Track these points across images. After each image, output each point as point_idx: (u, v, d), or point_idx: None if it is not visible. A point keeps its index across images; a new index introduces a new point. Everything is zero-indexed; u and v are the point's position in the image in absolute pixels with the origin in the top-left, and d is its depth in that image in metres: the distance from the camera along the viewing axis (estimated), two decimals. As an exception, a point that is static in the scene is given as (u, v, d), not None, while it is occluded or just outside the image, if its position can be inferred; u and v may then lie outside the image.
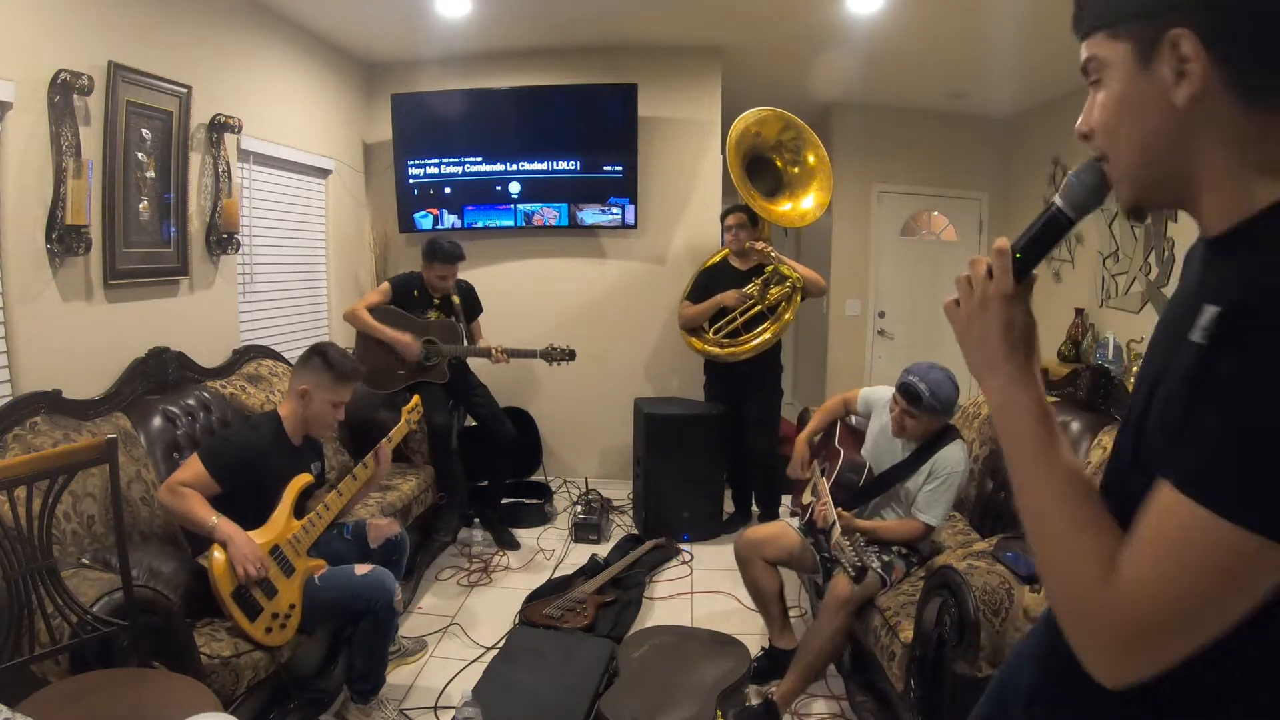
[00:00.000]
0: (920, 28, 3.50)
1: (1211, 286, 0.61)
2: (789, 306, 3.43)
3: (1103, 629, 0.60)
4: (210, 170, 2.90)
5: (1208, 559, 0.55)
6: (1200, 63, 0.59)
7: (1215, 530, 0.54)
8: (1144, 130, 0.64)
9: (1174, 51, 0.60)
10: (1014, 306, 0.71)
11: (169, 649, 1.66)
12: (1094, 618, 0.61)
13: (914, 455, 2.26)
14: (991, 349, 0.71)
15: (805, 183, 3.57)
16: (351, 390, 2.25)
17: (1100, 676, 0.61)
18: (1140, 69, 0.63)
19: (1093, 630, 0.61)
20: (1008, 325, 0.71)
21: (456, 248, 3.34)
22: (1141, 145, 0.65)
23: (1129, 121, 0.65)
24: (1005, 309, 0.71)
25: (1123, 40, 0.64)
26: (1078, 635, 0.63)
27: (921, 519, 2.22)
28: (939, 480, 2.21)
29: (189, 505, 1.94)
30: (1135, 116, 0.65)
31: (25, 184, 2.14)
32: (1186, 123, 0.62)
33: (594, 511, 3.67)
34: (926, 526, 2.22)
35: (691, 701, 2.03)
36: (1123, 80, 0.64)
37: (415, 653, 2.57)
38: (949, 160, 5.20)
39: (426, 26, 3.64)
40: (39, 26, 2.15)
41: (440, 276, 3.35)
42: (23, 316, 2.16)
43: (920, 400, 2.15)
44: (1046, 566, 0.66)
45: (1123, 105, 0.65)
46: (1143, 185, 0.68)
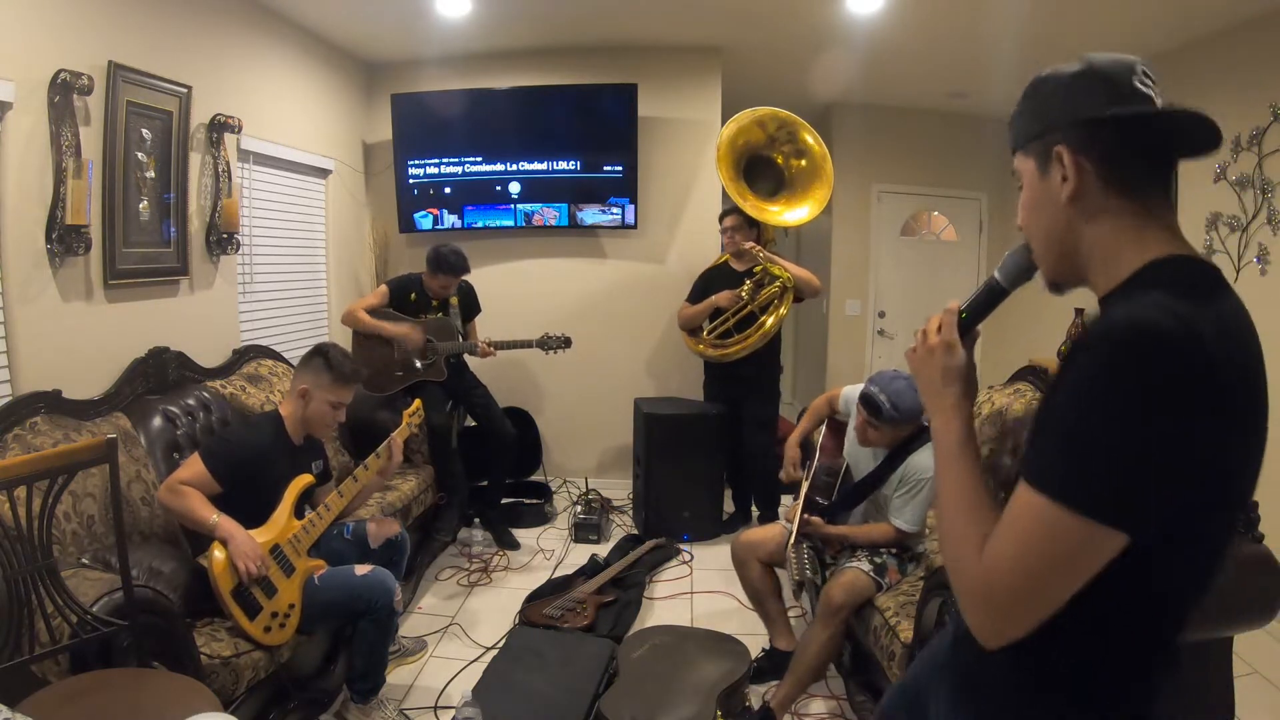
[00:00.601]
0: (920, 28, 3.50)
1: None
2: (780, 306, 3.43)
3: (974, 595, 0.75)
4: (210, 170, 2.90)
5: (1041, 535, 0.69)
6: (1074, 168, 0.77)
7: (1046, 511, 0.68)
8: (1046, 223, 0.82)
9: (1059, 161, 0.78)
10: (952, 354, 0.90)
11: (169, 649, 1.66)
12: (967, 587, 0.76)
13: (886, 461, 2.25)
14: (934, 386, 0.90)
15: (809, 178, 3.55)
16: (352, 392, 2.25)
17: (979, 637, 0.76)
18: (1041, 177, 0.81)
19: (967, 596, 0.76)
20: (946, 368, 0.89)
21: (462, 259, 3.32)
22: (1046, 235, 0.83)
23: (1037, 217, 0.83)
24: (945, 356, 0.90)
25: (1029, 156, 0.83)
26: (961, 602, 0.78)
27: (895, 523, 2.22)
28: (909, 486, 2.20)
29: (189, 504, 1.94)
30: (1040, 213, 0.82)
31: (25, 184, 2.13)
32: (1072, 214, 0.79)
33: (594, 511, 3.68)
34: (898, 530, 2.22)
35: (691, 701, 2.03)
36: (1030, 186, 0.83)
37: (415, 653, 2.57)
38: (949, 160, 5.20)
39: (426, 26, 3.63)
40: (39, 26, 2.15)
41: (443, 286, 3.36)
42: (23, 316, 2.15)
43: (880, 412, 2.14)
44: (945, 547, 0.81)
45: (1032, 206, 0.83)
46: (1051, 266, 0.85)
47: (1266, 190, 3.00)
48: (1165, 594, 0.75)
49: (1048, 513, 0.68)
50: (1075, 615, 0.72)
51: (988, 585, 0.73)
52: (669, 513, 3.57)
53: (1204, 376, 0.65)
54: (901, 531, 2.22)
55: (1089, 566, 0.68)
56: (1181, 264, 0.75)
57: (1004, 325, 5.20)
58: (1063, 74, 0.79)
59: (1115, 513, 0.66)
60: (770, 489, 3.66)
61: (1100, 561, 0.68)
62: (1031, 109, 0.82)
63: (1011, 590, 0.71)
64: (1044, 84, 0.80)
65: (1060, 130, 0.78)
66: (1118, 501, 0.66)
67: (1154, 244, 0.76)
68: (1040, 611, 0.71)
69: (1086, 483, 0.67)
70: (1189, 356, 0.65)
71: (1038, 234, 0.84)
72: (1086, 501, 0.66)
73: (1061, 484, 0.68)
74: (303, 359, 2.25)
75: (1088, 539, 0.67)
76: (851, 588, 2.17)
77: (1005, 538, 0.72)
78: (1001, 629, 0.73)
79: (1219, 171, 3.20)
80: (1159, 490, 0.66)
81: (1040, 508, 0.69)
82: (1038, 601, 0.71)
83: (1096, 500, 0.66)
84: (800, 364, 6.25)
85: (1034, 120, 0.81)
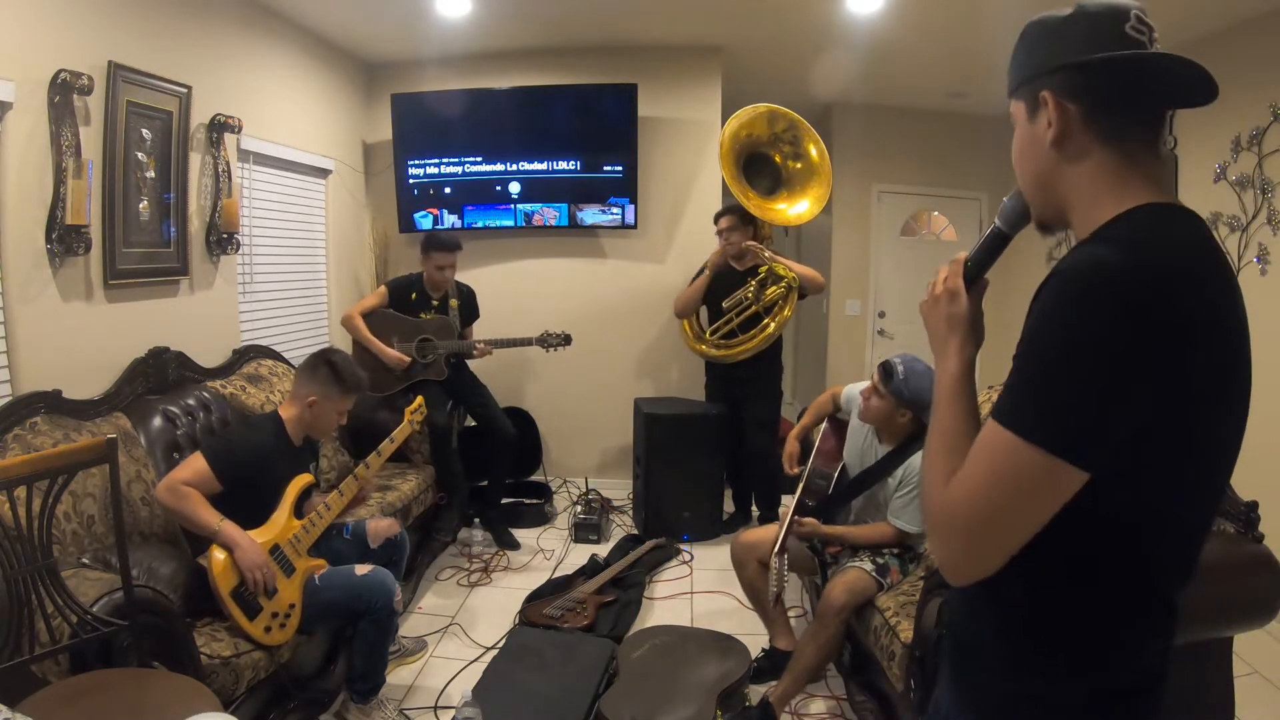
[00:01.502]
0: (920, 28, 3.50)
1: None
2: (785, 307, 3.43)
3: (937, 524, 0.77)
4: (210, 170, 2.90)
5: (1004, 468, 0.70)
6: (1058, 112, 0.78)
7: (1009, 444, 0.70)
8: (1034, 167, 0.83)
9: (1045, 107, 0.79)
10: (957, 301, 0.90)
11: (169, 649, 1.66)
12: (932, 516, 0.78)
13: (888, 458, 2.23)
14: (940, 332, 0.91)
15: (806, 178, 3.55)
16: (356, 398, 2.26)
17: (942, 568, 0.79)
18: (1028, 122, 0.82)
19: (933, 527, 0.79)
20: (951, 314, 0.90)
21: (454, 237, 3.42)
22: (1033, 178, 0.84)
23: (1026, 161, 0.84)
24: (950, 303, 0.90)
25: (1020, 100, 0.84)
26: (929, 534, 0.81)
27: (895, 524, 2.21)
28: (911, 486, 2.19)
29: (191, 506, 1.94)
30: (1028, 156, 0.84)
31: (25, 184, 2.13)
32: (1058, 160, 0.80)
33: (594, 511, 3.68)
34: (898, 531, 2.21)
35: (691, 701, 2.03)
36: (1020, 130, 0.84)
37: (415, 653, 2.57)
38: (949, 160, 5.19)
39: (426, 26, 3.63)
40: (39, 26, 2.15)
41: (439, 267, 3.36)
42: (23, 316, 2.15)
43: (891, 377, 2.11)
44: (921, 489, 0.85)
45: (1021, 148, 0.85)
46: (1038, 208, 0.86)
47: (1266, 190, 3.00)
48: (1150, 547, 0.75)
49: (1007, 444, 0.70)
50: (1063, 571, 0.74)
51: (948, 513, 0.75)
52: (669, 513, 3.57)
53: (1153, 305, 0.66)
54: (901, 532, 2.21)
55: (1049, 501, 0.70)
56: (1155, 209, 0.74)
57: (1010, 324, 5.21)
58: (1053, 18, 0.79)
59: (1070, 447, 0.67)
60: (771, 489, 3.66)
61: (1061, 497, 0.69)
62: (1023, 54, 0.82)
63: (970, 519, 0.73)
64: (1035, 28, 0.81)
65: (1047, 75, 0.78)
66: (1072, 435, 0.67)
67: (1134, 192, 0.76)
68: (1001, 544, 0.72)
69: (1041, 416, 0.68)
70: (1137, 287, 0.66)
71: (1026, 177, 0.85)
72: (1041, 435, 0.68)
73: (1018, 417, 0.69)
74: (307, 366, 2.23)
75: (1045, 473, 0.68)
76: (853, 587, 2.16)
77: (969, 468, 0.74)
78: (963, 562, 0.75)
79: (1219, 171, 3.20)
80: (1112, 421, 0.67)
81: (1001, 439, 0.70)
82: (996, 532, 0.72)
83: (1050, 434, 0.68)
84: (800, 364, 6.25)
85: (1024, 65, 0.82)
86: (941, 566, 0.79)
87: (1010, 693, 0.82)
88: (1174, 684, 0.81)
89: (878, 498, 2.30)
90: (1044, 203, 0.84)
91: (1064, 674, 0.78)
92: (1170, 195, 0.77)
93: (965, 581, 0.77)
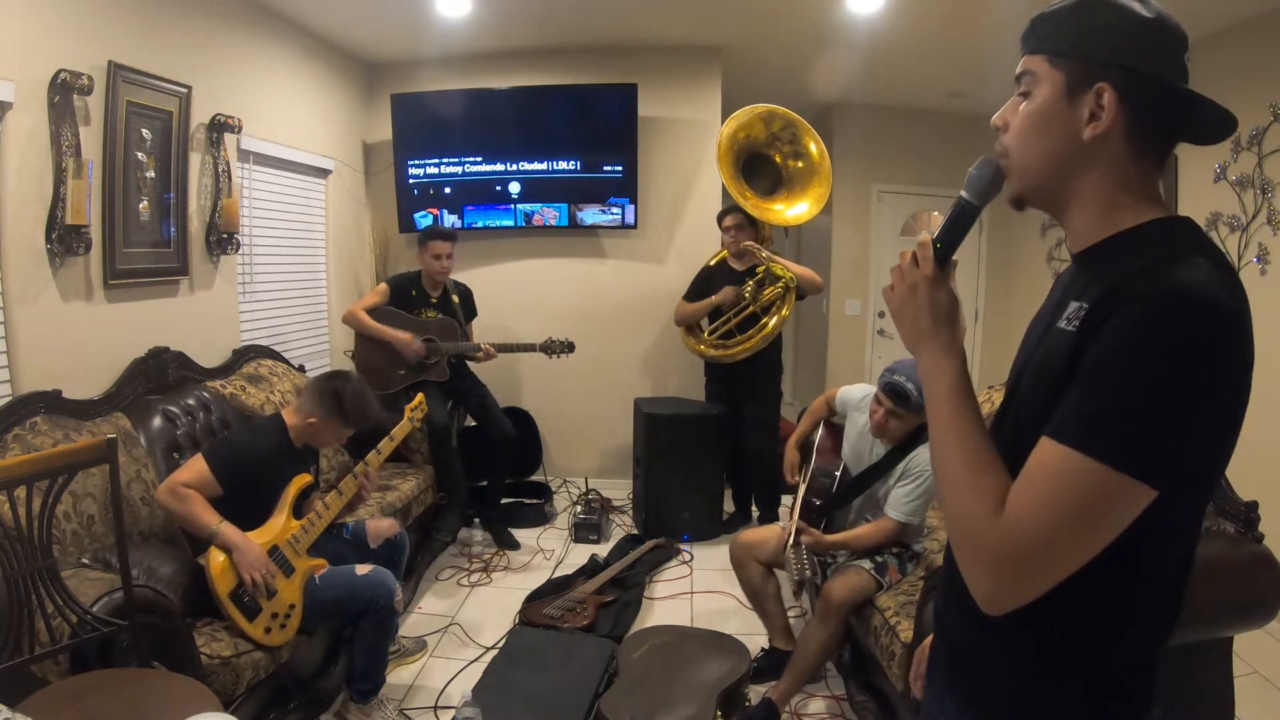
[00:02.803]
0: (921, 27, 3.50)
1: (1079, 287, 0.77)
2: (782, 307, 3.42)
3: (987, 555, 0.71)
4: (210, 170, 2.90)
5: (1072, 491, 0.67)
6: (1112, 114, 0.74)
7: (1077, 465, 0.66)
8: (1050, 145, 0.78)
9: (1096, 97, 0.75)
10: (938, 289, 0.82)
11: (169, 649, 1.66)
12: (980, 546, 0.72)
13: (888, 456, 2.22)
14: (921, 326, 0.82)
15: (806, 177, 3.55)
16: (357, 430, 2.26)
17: (983, 600, 0.72)
18: (1064, 98, 0.77)
19: (979, 557, 0.72)
20: (934, 304, 0.82)
21: (449, 228, 3.46)
22: (1044, 156, 0.79)
23: (1041, 134, 0.79)
24: (930, 291, 0.82)
25: (1059, 70, 0.77)
26: (968, 564, 0.74)
27: (890, 514, 2.20)
28: (912, 478, 2.18)
29: (192, 509, 1.94)
30: (1047, 132, 0.78)
31: (25, 184, 2.13)
32: (1085, 153, 0.77)
33: (594, 511, 3.67)
34: (898, 524, 2.20)
35: (691, 701, 2.03)
36: (1048, 101, 0.78)
37: (415, 653, 2.57)
38: (949, 160, 5.18)
39: (426, 26, 3.63)
40: (39, 26, 2.15)
41: (435, 256, 3.36)
42: (23, 316, 2.15)
43: (909, 400, 2.09)
44: (948, 504, 0.76)
45: (1041, 120, 0.79)
46: (1032, 186, 0.82)
47: (1266, 190, 3.00)
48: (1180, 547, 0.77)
49: (1089, 471, 0.66)
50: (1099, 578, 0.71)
51: (1010, 544, 0.69)
52: (669, 513, 3.57)
53: (1239, 345, 0.68)
54: (899, 525, 2.21)
55: (1119, 523, 0.68)
56: (1191, 228, 0.75)
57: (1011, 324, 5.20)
58: (1132, 12, 0.75)
59: (1156, 471, 0.66)
60: (771, 489, 3.66)
61: (1130, 518, 0.68)
62: (1083, 26, 0.76)
63: (1037, 549, 0.68)
64: (1110, 10, 0.75)
65: (1112, 68, 0.74)
66: (1159, 460, 0.66)
67: (1149, 206, 0.77)
68: (1060, 572, 0.69)
69: (1133, 443, 0.66)
70: (1232, 326, 0.67)
71: (1034, 150, 0.80)
72: (1130, 461, 0.65)
73: (1107, 446, 0.66)
74: (316, 386, 2.20)
75: (1131, 498, 0.66)
76: (852, 586, 2.17)
77: (1032, 494, 0.69)
78: (1015, 592, 0.71)
79: (1219, 171, 3.20)
80: (1192, 449, 0.67)
81: (1080, 466, 0.66)
82: (1062, 561, 0.69)
83: (1142, 460, 0.65)
84: (800, 364, 6.25)
85: (1082, 38, 0.76)
86: (985, 596, 0.72)
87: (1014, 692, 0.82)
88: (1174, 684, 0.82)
89: (877, 495, 2.30)
90: (1043, 182, 0.81)
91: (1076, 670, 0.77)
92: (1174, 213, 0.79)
93: (1006, 610, 0.72)
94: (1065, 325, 0.75)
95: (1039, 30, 0.80)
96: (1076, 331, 0.72)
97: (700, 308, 3.57)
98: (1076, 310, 0.74)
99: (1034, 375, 0.79)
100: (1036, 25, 0.80)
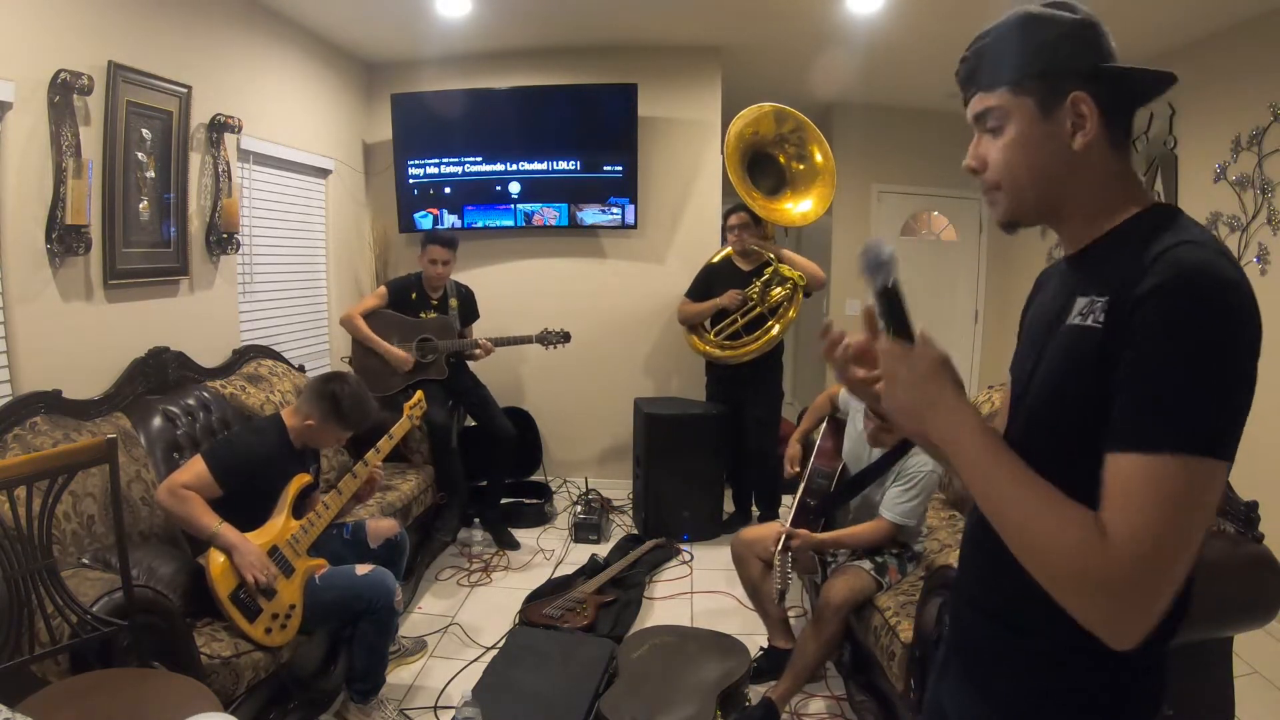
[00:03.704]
0: (920, 28, 3.50)
1: (1082, 283, 0.79)
2: (790, 307, 3.42)
3: (1108, 586, 0.66)
4: (210, 170, 2.90)
5: (1171, 495, 0.65)
6: (1094, 119, 0.77)
7: (1167, 468, 0.65)
8: (1041, 164, 0.80)
9: (1074, 107, 0.77)
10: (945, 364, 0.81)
11: (169, 649, 1.66)
12: (1095, 578, 0.66)
13: (885, 457, 2.23)
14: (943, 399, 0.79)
15: (809, 180, 3.55)
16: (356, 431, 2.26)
17: (1115, 635, 0.67)
18: (1041, 119, 0.78)
19: (1099, 588, 0.67)
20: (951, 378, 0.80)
21: (452, 234, 3.46)
22: (1037, 176, 0.81)
23: (1029, 158, 0.80)
24: (941, 368, 0.81)
25: (1026, 95, 0.79)
26: (1084, 600, 0.68)
27: (887, 517, 2.21)
28: (907, 480, 2.19)
29: (191, 510, 1.94)
30: (1035, 154, 0.80)
31: (25, 184, 2.13)
32: (1074, 161, 0.79)
33: (594, 511, 3.67)
34: (891, 524, 2.20)
35: (691, 701, 2.03)
36: (1026, 125, 0.79)
37: (415, 653, 2.57)
38: (949, 160, 5.12)
39: (426, 26, 3.63)
40: (39, 26, 2.15)
41: (432, 260, 3.36)
42: (23, 316, 2.15)
43: None
44: (1031, 550, 0.72)
45: (1025, 145, 0.80)
46: (1027, 206, 0.83)
47: (1266, 190, 3.00)
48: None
49: (1172, 469, 0.65)
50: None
51: (1130, 570, 0.65)
52: (669, 513, 3.57)
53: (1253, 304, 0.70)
54: (893, 526, 2.21)
55: (1213, 508, 0.69)
56: (1179, 214, 0.78)
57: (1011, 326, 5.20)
58: (1064, 19, 0.78)
59: (1225, 445, 0.67)
60: (771, 489, 3.66)
61: (1218, 499, 0.69)
62: (1030, 46, 0.79)
63: (1160, 565, 0.66)
64: (1042, 24, 0.78)
65: (1075, 75, 0.77)
66: (1230, 437, 0.68)
67: (1137, 194, 0.80)
68: (1181, 577, 0.67)
69: (1208, 426, 0.66)
70: (1252, 299, 0.70)
71: (1026, 174, 0.81)
72: (1210, 445, 0.66)
73: (1188, 437, 0.66)
74: (315, 388, 2.20)
75: (1212, 479, 0.67)
76: (852, 586, 2.17)
77: (1133, 512, 0.66)
78: (1147, 614, 0.66)
79: (1219, 171, 3.20)
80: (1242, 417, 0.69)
81: (1163, 467, 0.66)
82: (1182, 566, 0.67)
83: (1218, 441, 0.66)
84: (800, 364, 6.25)
85: (1037, 57, 0.78)
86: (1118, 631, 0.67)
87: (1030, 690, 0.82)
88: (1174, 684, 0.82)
89: (873, 497, 2.30)
90: (1038, 199, 0.82)
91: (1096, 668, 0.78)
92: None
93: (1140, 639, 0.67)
94: (1083, 321, 0.76)
95: (985, 66, 0.82)
96: (1103, 327, 0.73)
97: (704, 309, 3.57)
98: (1089, 305, 0.75)
99: (1048, 375, 0.80)
100: (979, 63, 0.83)
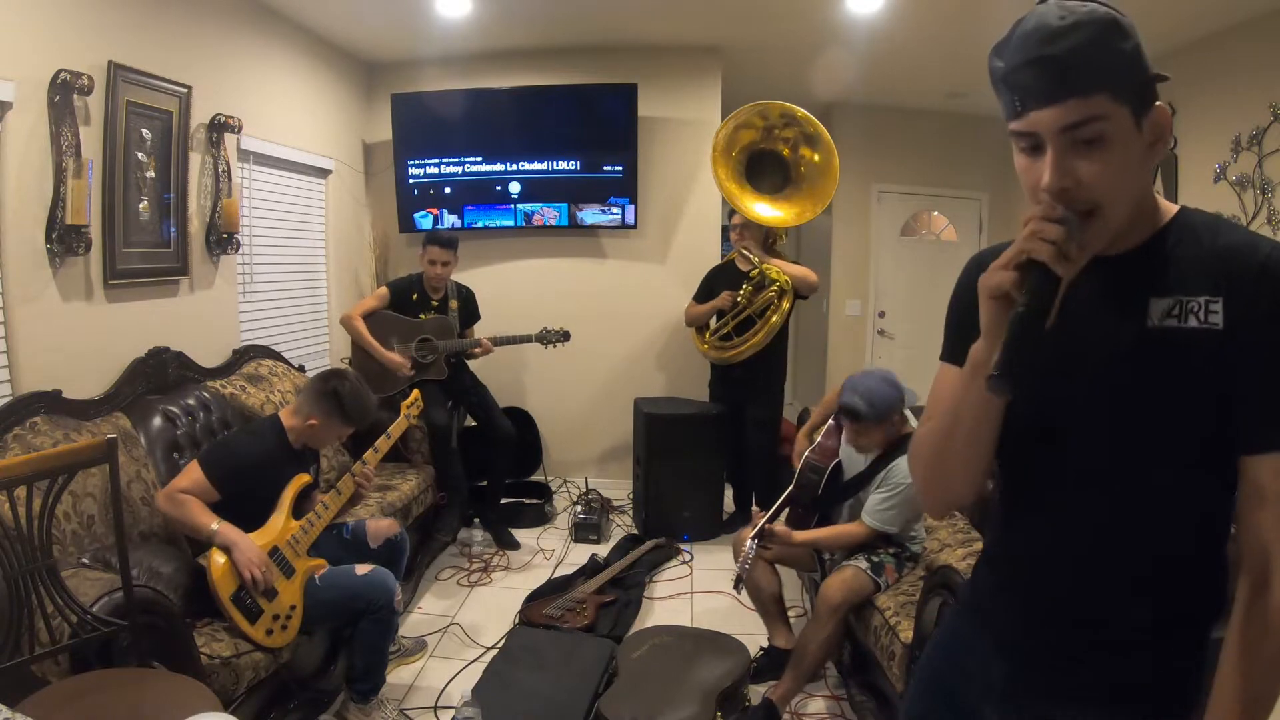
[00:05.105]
0: (920, 28, 3.50)
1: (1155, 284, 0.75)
2: (775, 310, 3.42)
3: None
4: (210, 170, 2.90)
5: None
6: (1170, 129, 0.74)
7: None
8: (1136, 182, 0.75)
9: (1159, 118, 0.73)
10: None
11: (169, 649, 1.66)
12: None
13: (872, 464, 2.27)
14: None
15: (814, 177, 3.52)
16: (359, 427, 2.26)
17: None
18: (1135, 129, 0.72)
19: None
20: None
21: (452, 235, 3.45)
22: (1135, 195, 0.75)
23: (1131, 176, 0.74)
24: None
25: (1124, 104, 0.70)
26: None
27: (867, 522, 2.22)
28: (888, 488, 2.20)
29: (189, 512, 1.94)
30: (1134, 171, 0.74)
31: (25, 184, 2.13)
32: (1145, 172, 0.76)
33: (594, 511, 3.68)
34: (869, 530, 2.21)
35: (691, 701, 2.03)
36: (1126, 140, 0.71)
37: (415, 653, 2.57)
38: (949, 160, 5.19)
39: (426, 26, 3.63)
40: (39, 26, 2.15)
41: (431, 261, 3.36)
42: (23, 316, 2.15)
43: (859, 414, 2.16)
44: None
45: (1128, 163, 0.72)
46: (1121, 225, 0.76)
47: (1266, 190, 3.00)
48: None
49: None
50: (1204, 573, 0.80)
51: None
52: (669, 513, 3.57)
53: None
54: (871, 531, 2.21)
55: None
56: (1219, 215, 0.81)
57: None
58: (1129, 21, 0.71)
59: None
60: (772, 489, 3.65)
61: None
62: (1126, 51, 0.70)
63: None
64: (1125, 29, 0.70)
65: (1153, 83, 0.72)
66: None
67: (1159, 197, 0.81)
68: None
69: None
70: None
71: (1126, 195, 0.74)
72: None
73: None
74: (315, 387, 2.20)
75: None
76: (849, 586, 2.17)
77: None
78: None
79: (1219, 171, 3.20)
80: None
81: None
82: None
83: None
84: (800, 364, 6.25)
85: (1132, 65, 0.70)
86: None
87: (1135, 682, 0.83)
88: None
89: (860, 500, 2.31)
90: (1127, 218, 0.77)
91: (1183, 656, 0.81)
92: None
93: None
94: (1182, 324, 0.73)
95: (1084, 69, 0.69)
96: (1222, 329, 0.72)
97: (705, 310, 3.60)
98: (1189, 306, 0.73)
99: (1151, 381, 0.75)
100: (1074, 62, 0.69)
